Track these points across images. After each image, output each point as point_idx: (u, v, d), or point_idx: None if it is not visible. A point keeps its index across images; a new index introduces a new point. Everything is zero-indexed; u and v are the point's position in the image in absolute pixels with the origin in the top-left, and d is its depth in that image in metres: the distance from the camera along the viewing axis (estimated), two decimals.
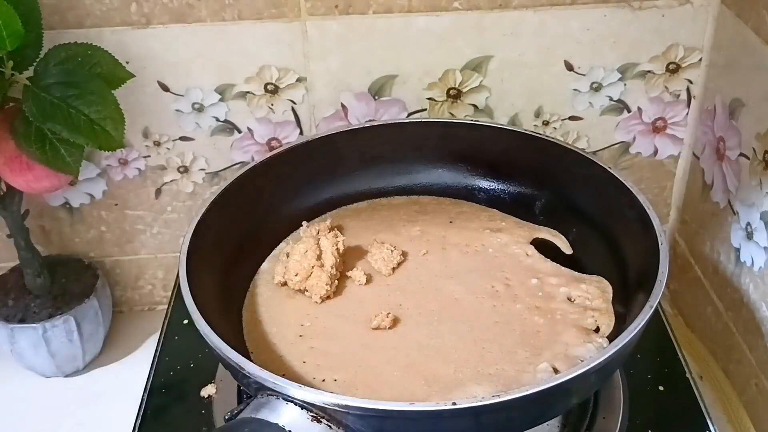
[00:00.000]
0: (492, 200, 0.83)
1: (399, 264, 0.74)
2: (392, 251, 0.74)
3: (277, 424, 0.52)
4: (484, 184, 0.84)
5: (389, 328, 0.67)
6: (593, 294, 0.70)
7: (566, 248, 0.77)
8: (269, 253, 0.77)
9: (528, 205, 0.81)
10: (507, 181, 0.83)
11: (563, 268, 0.74)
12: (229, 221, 0.74)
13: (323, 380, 0.63)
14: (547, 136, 0.82)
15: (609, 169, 0.74)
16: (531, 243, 0.77)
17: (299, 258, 0.71)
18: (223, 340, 0.58)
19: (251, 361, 0.57)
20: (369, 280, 0.73)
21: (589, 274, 0.73)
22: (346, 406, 0.53)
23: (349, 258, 0.75)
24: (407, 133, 0.84)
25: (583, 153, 0.77)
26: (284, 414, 0.53)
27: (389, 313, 0.67)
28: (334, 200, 0.83)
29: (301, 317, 0.69)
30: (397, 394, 0.60)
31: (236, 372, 0.57)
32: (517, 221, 0.80)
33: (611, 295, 0.70)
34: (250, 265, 0.76)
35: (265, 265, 0.76)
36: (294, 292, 0.72)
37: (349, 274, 0.73)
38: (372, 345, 0.66)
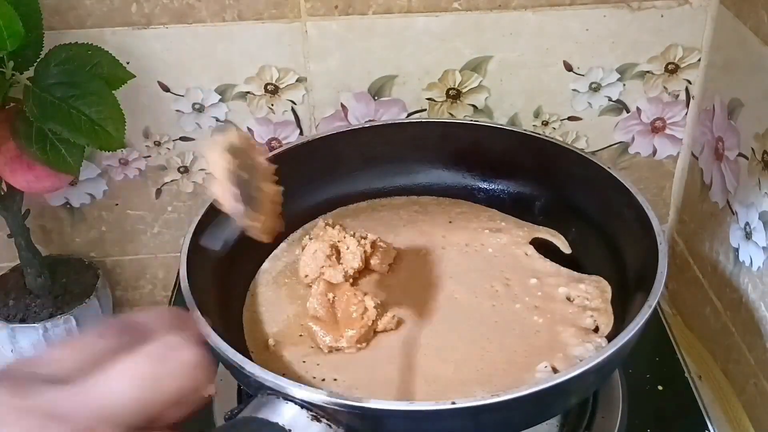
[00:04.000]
0: (491, 200, 0.83)
1: (395, 260, 0.75)
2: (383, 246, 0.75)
3: (277, 423, 0.52)
4: (484, 184, 0.84)
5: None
6: (592, 294, 0.70)
7: (565, 248, 0.77)
8: (269, 254, 0.78)
9: (527, 205, 0.81)
10: (506, 181, 0.83)
11: (562, 268, 0.74)
12: (230, 221, 0.74)
13: (323, 380, 0.63)
14: (546, 136, 0.82)
15: (608, 169, 0.74)
16: (530, 243, 0.77)
17: (309, 258, 0.71)
18: (223, 339, 0.58)
19: (251, 360, 0.57)
20: (370, 280, 0.73)
21: (589, 274, 0.73)
22: (346, 406, 0.53)
23: None
24: (407, 133, 0.84)
25: (581, 153, 0.77)
26: (284, 413, 0.52)
27: (394, 315, 0.67)
28: (334, 200, 0.82)
29: (302, 317, 0.69)
30: (397, 394, 0.61)
31: (236, 372, 0.57)
32: (517, 221, 0.80)
33: (610, 295, 0.70)
34: (250, 265, 0.76)
35: (265, 265, 0.76)
36: (295, 292, 0.72)
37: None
38: (372, 344, 0.66)
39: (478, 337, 0.66)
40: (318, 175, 0.82)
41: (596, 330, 0.67)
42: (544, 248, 0.77)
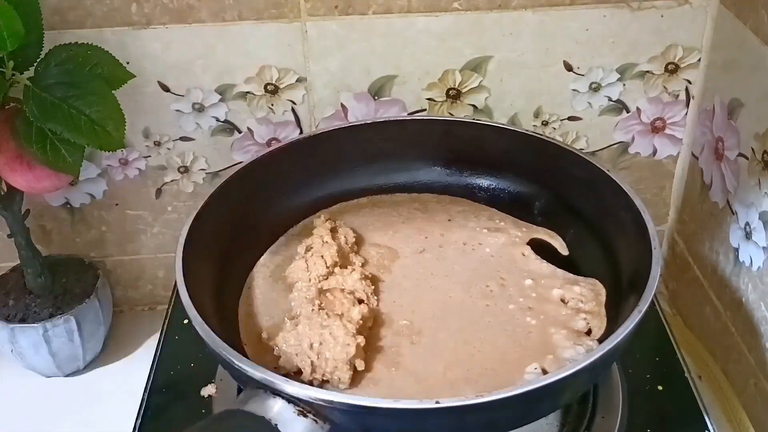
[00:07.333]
0: (492, 199, 0.83)
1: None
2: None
3: (263, 417, 0.52)
4: (485, 182, 0.84)
5: None
6: (587, 297, 0.70)
7: (563, 249, 0.77)
8: (268, 248, 0.78)
9: (527, 205, 0.81)
10: (507, 180, 0.83)
11: (558, 269, 0.74)
12: (228, 214, 0.74)
13: None
14: (547, 136, 0.82)
15: (607, 172, 0.74)
16: (528, 243, 0.77)
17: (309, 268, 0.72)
18: (215, 332, 0.58)
19: (245, 354, 0.57)
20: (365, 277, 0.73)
21: (585, 275, 0.73)
22: (332, 402, 0.53)
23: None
24: (409, 130, 0.84)
25: (581, 154, 0.77)
26: (271, 407, 0.53)
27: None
28: (335, 196, 0.83)
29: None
30: (386, 391, 0.61)
31: (226, 364, 0.57)
32: (516, 221, 0.80)
33: (604, 298, 0.70)
34: (247, 259, 0.76)
35: (263, 259, 0.77)
36: (290, 286, 0.72)
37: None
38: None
39: (470, 336, 0.66)
40: (319, 170, 0.82)
41: (589, 333, 0.67)
42: (542, 249, 0.77)
